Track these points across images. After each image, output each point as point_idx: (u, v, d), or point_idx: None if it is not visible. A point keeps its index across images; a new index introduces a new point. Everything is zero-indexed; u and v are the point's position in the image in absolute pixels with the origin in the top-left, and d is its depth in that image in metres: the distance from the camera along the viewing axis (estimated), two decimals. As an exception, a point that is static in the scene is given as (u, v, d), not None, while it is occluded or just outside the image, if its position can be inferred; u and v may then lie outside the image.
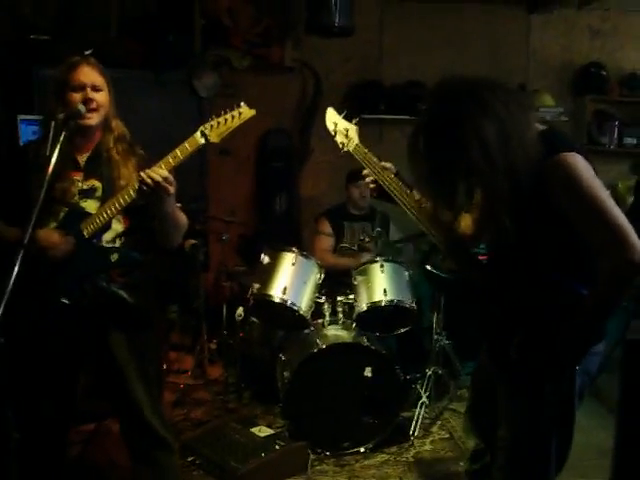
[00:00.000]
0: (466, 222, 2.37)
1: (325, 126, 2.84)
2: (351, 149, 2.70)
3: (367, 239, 4.84)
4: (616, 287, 1.97)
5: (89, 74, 2.58)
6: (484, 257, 2.41)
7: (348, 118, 2.80)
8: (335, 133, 2.77)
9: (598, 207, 1.95)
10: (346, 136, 2.72)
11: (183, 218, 2.72)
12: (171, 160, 2.53)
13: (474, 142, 1.95)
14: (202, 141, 2.57)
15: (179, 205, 2.72)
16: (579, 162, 2.00)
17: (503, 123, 1.96)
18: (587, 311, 2.01)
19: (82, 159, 2.65)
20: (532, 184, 2.01)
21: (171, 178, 2.47)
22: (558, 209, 2.01)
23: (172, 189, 2.48)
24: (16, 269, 1.99)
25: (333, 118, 2.81)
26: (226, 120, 2.58)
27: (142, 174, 2.46)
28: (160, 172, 2.46)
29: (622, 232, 1.92)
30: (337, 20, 5.18)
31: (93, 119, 2.58)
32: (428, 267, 4.25)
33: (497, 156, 1.95)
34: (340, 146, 2.74)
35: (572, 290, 2.07)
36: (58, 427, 2.74)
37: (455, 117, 1.99)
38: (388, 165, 2.60)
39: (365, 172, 2.64)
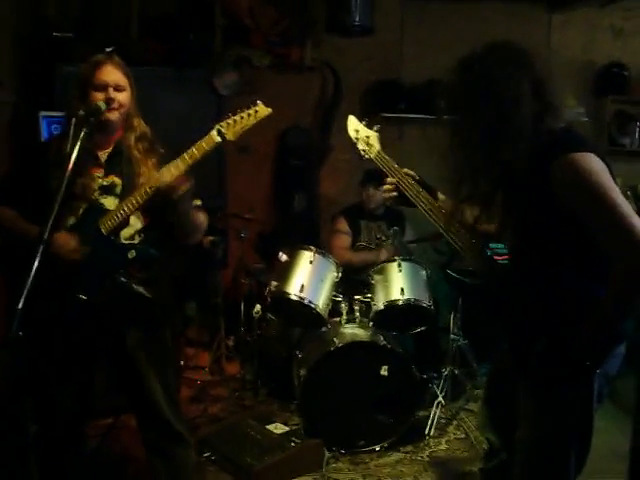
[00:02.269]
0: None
1: (344, 125, 2.85)
2: (372, 156, 2.71)
3: (383, 238, 4.86)
4: (630, 286, 1.95)
5: (112, 73, 2.61)
6: (502, 257, 2.42)
7: (369, 125, 2.81)
8: (357, 141, 2.78)
9: (607, 206, 1.94)
10: (367, 144, 2.73)
11: (202, 217, 2.76)
12: (188, 158, 2.56)
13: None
14: (219, 139, 2.59)
15: (199, 204, 2.75)
16: (587, 161, 2.00)
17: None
18: (603, 312, 1.99)
19: (103, 155, 2.68)
20: (540, 184, 2.03)
21: (176, 184, 2.52)
22: (568, 209, 2.01)
23: (181, 188, 2.52)
24: (35, 264, 2.01)
25: (354, 126, 2.81)
26: (242, 118, 2.61)
27: (151, 176, 2.52)
28: (171, 173, 2.52)
29: (633, 231, 1.90)
30: (357, 19, 5.21)
31: (113, 116, 2.61)
32: (449, 271, 4.28)
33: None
34: (362, 154, 2.75)
35: (589, 291, 2.06)
36: (75, 421, 2.76)
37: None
38: (411, 172, 2.62)
39: (388, 180, 2.65)
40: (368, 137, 2.74)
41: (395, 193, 2.62)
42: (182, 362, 4.80)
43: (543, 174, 2.02)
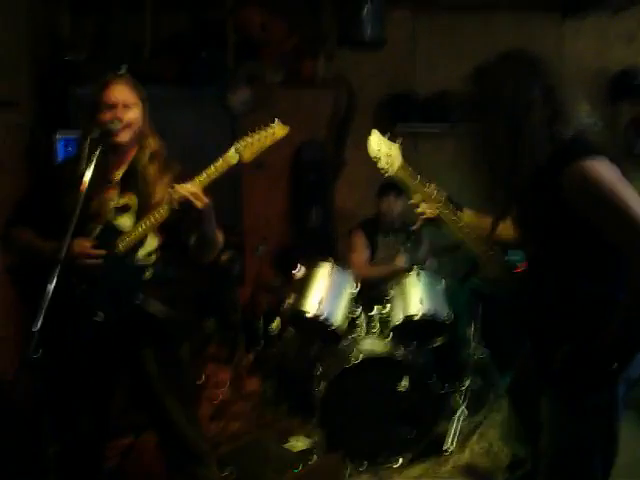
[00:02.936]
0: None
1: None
2: (394, 172, 2.70)
3: (401, 252, 4.83)
4: None
5: (120, 92, 2.62)
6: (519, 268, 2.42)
7: (391, 139, 2.80)
8: (379, 157, 2.75)
9: (621, 207, 1.94)
10: (389, 159, 2.72)
11: (220, 237, 2.76)
12: (205, 177, 2.56)
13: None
14: (236, 159, 2.57)
15: None
16: (597, 166, 2.00)
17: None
18: (625, 314, 1.98)
19: (117, 176, 2.69)
20: (552, 191, 2.04)
21: (200, 194, 2.50)
22: (582, 215, 2.01)
23: (200, 204, 2.50)
24: (53, 285, 2.02)
25: (377, 140, 2.79)
26: (259, 139, 2.59)
27: (170, 190, 2.50)
28: (188, 188, 2.49)
29: None
30: (369, 33, 5.20)
31: (124, 136, 2.62)
32: (470, 281, 4.26)
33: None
34: (384, 170, 2.74)
35: (609, 296, 2.05)
36: (95, 441, 2.77)
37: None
38: (432, 187, 2.62)
39: (413, 200, 2.66)
40: (390, 153, 2.74)
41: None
42: (202, 379, 4.79)
43: (555, 181, 2.03)
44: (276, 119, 2.64)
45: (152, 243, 2.67)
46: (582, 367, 2.03)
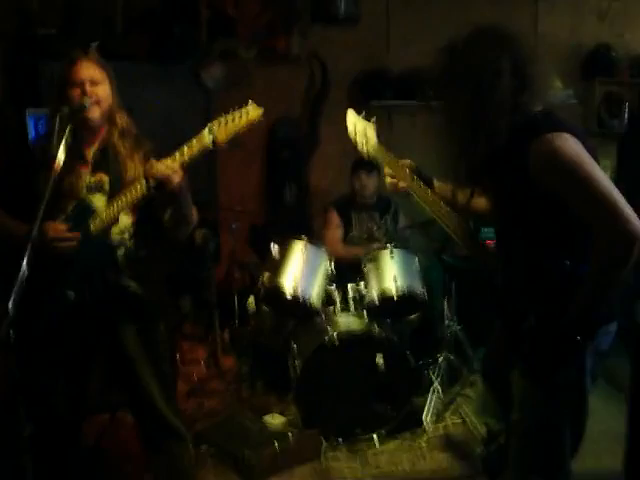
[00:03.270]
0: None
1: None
2: (369, 149, 2.75)
3: (375, 227, 4.85)
4: (613, 260, 1.96)
5: (87, 69, 2.60)
6: (491, 242, 2.44)
7: (366, 117, 2.85)
8: (355, 134, 2.82)
9: (587, 182, 1.96)
10: (365, 136, 2.78)
11: (194, 213, 2.74)
12: (177, 157, 2.53)
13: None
14: (209, 139, 2.52)
15: None
16: (563, 140, 2.01)
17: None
18: (589, 286, 2.01)
19: (89, 153, 2.67)
20: (518, 165, 2.06)
21: (177, 169, 2.48)
22: (548, 190, 2.03)
23: (177, 178, 2.48)
24: (25, 264, 2.00)
25: (352, 119, 2.87)
26: (234, 119, 2.55)
27: (147, 165, 2.48)
28: (166, 163, 2.48)
29: (614, 204, 1.92)
30: (343, 9, 5.17)
31: (94, 112, 2.59)
32: (444, 257, 4.30)
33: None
34: (359, 146, 2.80)
35: (574, 270, 2.08)
36: (71, 419, 2.76)
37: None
38: (407, 162, 2.65)
39: (386, 171, 2.69)
40: (365, 130, 2.79)
41: (391, 181, 2.67)
42: (178, 356, 4.80)
43: (521, 155, 2.04)
44: (250, 100, 2.61)
45: (125, 221, 2.65)
46: (547, 340, 2.06)
